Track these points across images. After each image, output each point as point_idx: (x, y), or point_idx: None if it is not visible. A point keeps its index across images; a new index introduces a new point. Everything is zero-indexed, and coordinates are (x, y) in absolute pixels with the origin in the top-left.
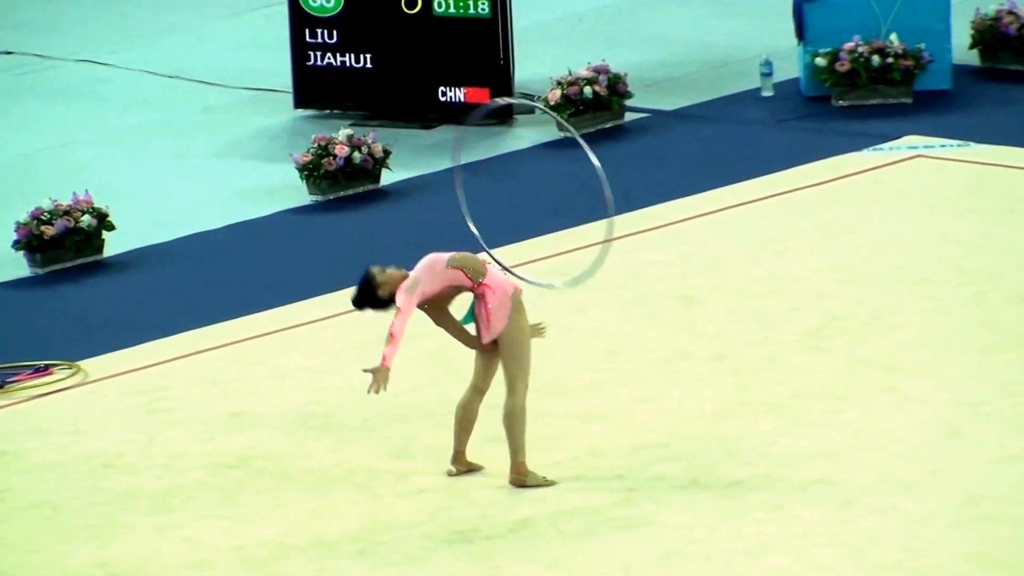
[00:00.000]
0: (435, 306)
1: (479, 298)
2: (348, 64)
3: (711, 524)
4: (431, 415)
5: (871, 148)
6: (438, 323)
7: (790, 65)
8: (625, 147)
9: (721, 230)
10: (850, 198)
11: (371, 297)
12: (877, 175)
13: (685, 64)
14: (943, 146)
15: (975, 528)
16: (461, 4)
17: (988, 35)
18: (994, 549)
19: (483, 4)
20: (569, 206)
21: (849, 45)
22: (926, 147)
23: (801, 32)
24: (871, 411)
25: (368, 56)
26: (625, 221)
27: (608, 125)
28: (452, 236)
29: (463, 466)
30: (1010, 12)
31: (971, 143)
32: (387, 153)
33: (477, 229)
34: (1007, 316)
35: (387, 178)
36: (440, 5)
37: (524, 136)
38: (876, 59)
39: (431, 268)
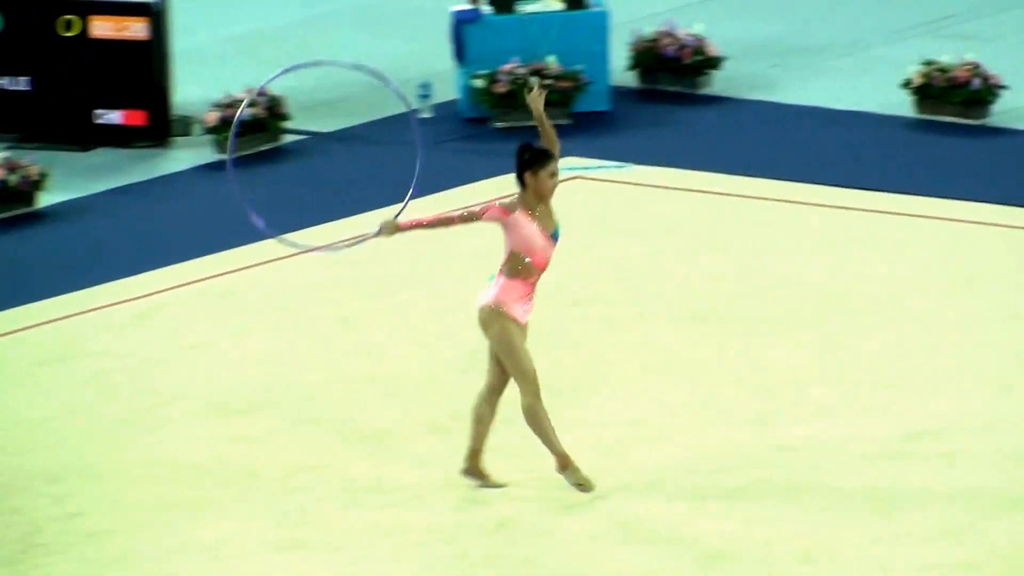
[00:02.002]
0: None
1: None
2: (5, 87)
3: (350, 546)
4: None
5: None
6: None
7: (450, 87)
8: (283, 169)
9: (381, 251)
10: None
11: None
12: None
13: (344, 86)
14: (601, 167)
15: (635, 547)
16: (117, 27)
17: (647, 57)
18: (655, 568)
19: (139, 26)
20: (227, 227)
21: (507, 67)
22: (584, 168)
23: (461, 53)
24: (529, 432)
25: (26, 79)
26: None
27: (266, 147)
28: (109, 258)
29: (475, 471)
30: (668, 34)
31: (630, 164)
32: (44, 176)
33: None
34: (666, 337)
35: (43, 201)
36: (97, 27)
37: (181, 158)
38: (534, 80)
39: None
